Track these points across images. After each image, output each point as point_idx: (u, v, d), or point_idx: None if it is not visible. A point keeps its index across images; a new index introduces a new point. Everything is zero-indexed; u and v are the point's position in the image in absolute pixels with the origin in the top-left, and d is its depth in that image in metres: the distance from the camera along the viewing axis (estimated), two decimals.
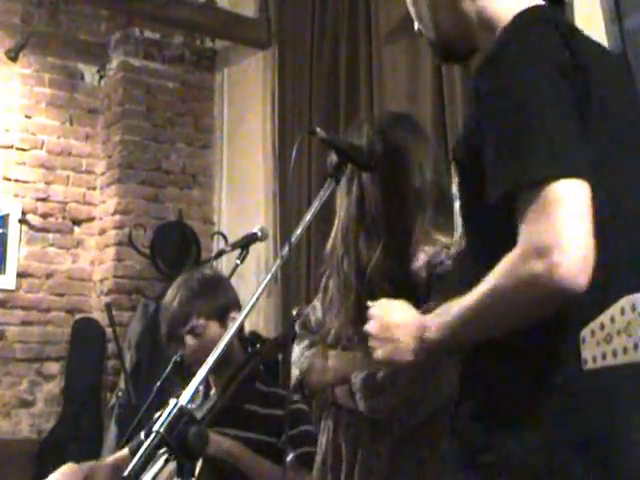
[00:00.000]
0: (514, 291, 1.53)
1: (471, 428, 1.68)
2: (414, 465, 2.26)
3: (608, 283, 1.53)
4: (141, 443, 1.72)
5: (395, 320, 1.85)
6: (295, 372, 2.50)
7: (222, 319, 3.03)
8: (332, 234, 2.45)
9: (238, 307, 3.10)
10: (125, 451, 3.10)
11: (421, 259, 2.29)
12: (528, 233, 1.51)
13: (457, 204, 1.79)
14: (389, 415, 2.27)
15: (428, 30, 1.97)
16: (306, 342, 2.51)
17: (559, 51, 1.60)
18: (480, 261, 1.63)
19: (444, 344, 1.74)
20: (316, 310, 2.55)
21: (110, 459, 3.21)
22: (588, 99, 1.60)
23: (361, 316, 2.15)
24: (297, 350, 2.53)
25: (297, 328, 2.58)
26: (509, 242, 1.54)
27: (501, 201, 1.56)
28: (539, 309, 1.54)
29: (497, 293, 1.56)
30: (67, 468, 3.03)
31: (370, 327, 1.90)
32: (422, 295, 2.20)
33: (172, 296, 3.05)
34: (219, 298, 3.09)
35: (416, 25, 2.02)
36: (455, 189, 1.79)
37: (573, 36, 1.66)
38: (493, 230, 1.63)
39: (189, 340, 3.01)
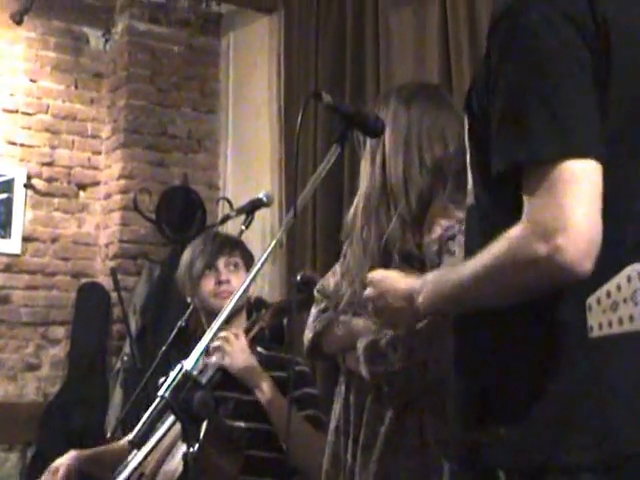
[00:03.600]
0: (513, 270, 1.49)
1: (464, 398, 1.67)
2: (416, 430, 2.29)
3: (616, 265, 1.48)
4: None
5: (390, 287, 1.87)
6: (308, 335, 2.53)
7: (247, 270, 3.10)
8: (354, 202, 2.46)
9: None
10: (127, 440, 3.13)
11: (435, 232, 2.29)
12: (533, 211, 1.46)
13: (468, 155, 1.76)
14: (388, 382, 2.29)
15: None
16: (321, 306, 2.53)
17: (577, 6, 1.52)
18: (488, 218, 1.59)
19: (435, 311, 1.76)
20: (336, 274, 2.57)
21: (114, 446, 3.26)
22: (608, 64, 1.52)
23: None
24: (312, 313, 2.55)
25: (315, 291, 2.60)
26: (518, 201, 1.49)
27: (506, 174, 1.51)
28: (537, 290, 1.50)
29: (495, 269, 1.52)
30: (71, 453, 3.10)
31: (368, 293, 1.95)
32: (431, 269, 2.20)
33: (208, 239, 3.20)
34: (249, 253, 3.27)
35: None
36: (466, 139, 1.75)
37: None
38: (502, 186, 1.56)
39: (223, 270, 3.11)
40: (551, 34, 1.50)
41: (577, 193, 1.43)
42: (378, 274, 1.97)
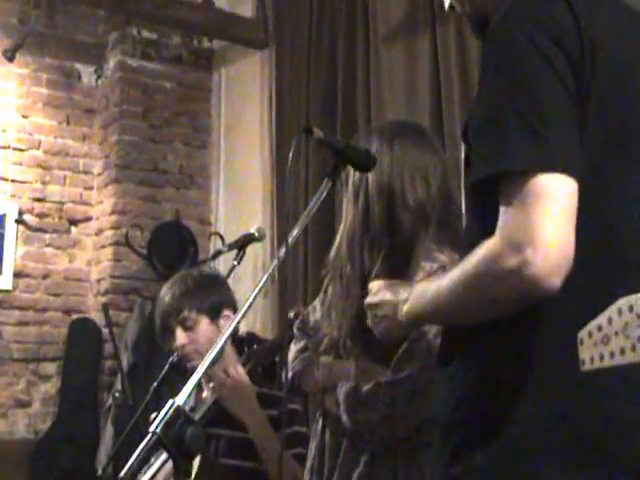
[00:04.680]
0: (483, 283, 1.51)
1: (445, 433, 1.66)
2: (390, 477, 2.27)
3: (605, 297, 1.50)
4: None
5: (386, 298, 1.90)
6: (289, 373, 2.51)
7: (214, 316, 3.08)
8: (337, 239, 2.45)
9: (232, 306, 3.13)
10: None
11: (419, 276, 2.28)
12: (505, 224, 1.47)
13: (462, 183, 1.76)
14: (368, 430, 2.28)
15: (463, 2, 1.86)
16: (301, 345, 2.51)
17: (562, 23, 1.53)
18: (479, 240, 1.58)
19: (417, 321, 1.80)
20: (316, 311, 2.55)
21: None
22: (592, 84, 1.53)
23: (360, 326, 2.18)
24: (292, 351, 2.53)
25: (295, 328, 2.58)
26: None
27: (483, 183, 1.52)
28: (508, 304, 1.50)
29: (467, 281, 1.53)
30: None
31: (367, 302, 1.98)
32: None
33: (167, 290, 3.10)
34: (212, 295, 3.14)
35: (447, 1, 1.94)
36: (462, 168, 1.75)
37: (585, 5, 1.57)
38: (491, 210, 1.55)
39: (179, 333, 3.05)
40: (534, 52, 1.51)
41: (549, 208, 1.43)
42: (377, 284, 1.99)
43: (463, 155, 1.71)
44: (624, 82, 1.60)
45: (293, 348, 2.54)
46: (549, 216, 1.43)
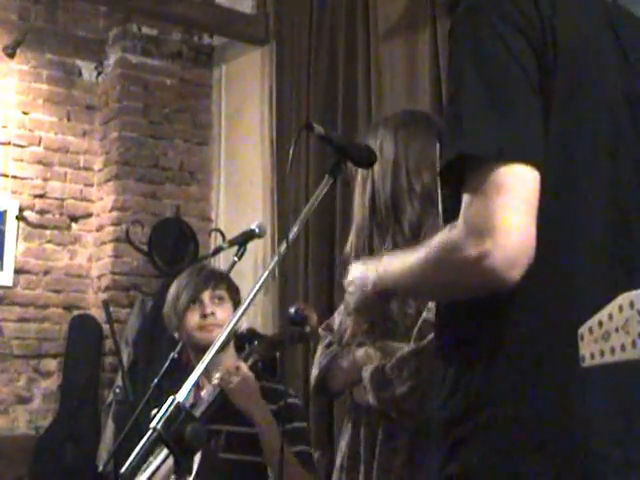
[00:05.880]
0: (444, 270, 1.53)
1: (440, 430, 1.65)
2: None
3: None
4: None
5: (359, 274, 1.94)
6: (314, 372, 2.51)
7: (235, 306, 3.10)
8: (350, 235, 2.46)
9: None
10: None
11: None
12: (467, 213, 1.48)
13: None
14: (397, 406, 2.27)
15: None
16: (326, 341, 2.52)
17: (526, 11, 1.53)
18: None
19: (385, 288, 1.81)
20: (340, 313, 2.56)
21: None
22: (555, 71, 1.53)
23: (380, 312, 2.19)
24: (318, 350, 2.54)
25: (320, 330, 2.60)
26: None
27: (451, 167, 1.52)
28: (468, 291, 1.53)
29: (427, 265, 1.57)
30: None
31: (345, 282, 2.04)
32: None
33: (192, 274, 3.19)
34: (235, 287, 3.23)
35: None
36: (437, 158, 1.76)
37: None
38: (458, 196, 1.55)
39: (210, 304, 3.10)
40: (498, 41, 1.51)
41: (510, 200, 1.44)
42: (354, 265, 2.03)
43: (437, 152, 1.72)
44: (585, 70, 1.60)
45: (319, 348, 2.56)
46: (510, 208, 1.43)
